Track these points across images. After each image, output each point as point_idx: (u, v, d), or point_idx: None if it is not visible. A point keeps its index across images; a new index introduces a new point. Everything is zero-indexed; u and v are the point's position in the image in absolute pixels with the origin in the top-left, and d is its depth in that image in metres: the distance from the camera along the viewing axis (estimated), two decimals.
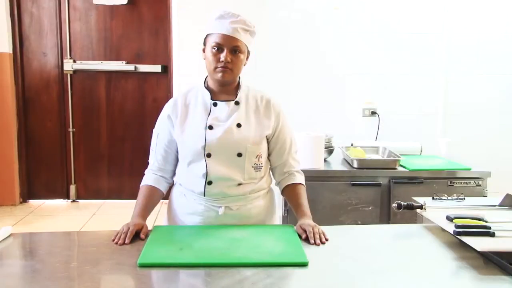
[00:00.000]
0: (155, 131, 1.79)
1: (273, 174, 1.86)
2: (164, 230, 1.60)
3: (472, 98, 3.85)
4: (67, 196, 4.36)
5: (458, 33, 3.80)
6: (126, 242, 1.47)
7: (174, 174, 1.81)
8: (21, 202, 4.27)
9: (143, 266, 1.29)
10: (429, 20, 3.79)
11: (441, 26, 3.79)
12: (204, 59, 1.72)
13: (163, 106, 1.80)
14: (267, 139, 1.76)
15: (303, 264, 1.31)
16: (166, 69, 4.19)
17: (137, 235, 1.52)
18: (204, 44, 1.72)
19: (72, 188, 4.34)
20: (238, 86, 1.75)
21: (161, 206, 1.98)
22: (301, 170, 1.86)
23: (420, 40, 3.80)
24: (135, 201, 1.75)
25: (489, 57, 3.82)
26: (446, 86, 3.85)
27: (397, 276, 1.27)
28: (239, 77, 1.75)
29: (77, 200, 4.36)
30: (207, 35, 1.70)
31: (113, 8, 4.14)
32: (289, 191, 1.80)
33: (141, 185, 1.77)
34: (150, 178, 1.76)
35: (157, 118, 1.79)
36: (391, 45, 3.80)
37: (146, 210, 1.70)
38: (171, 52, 3.96)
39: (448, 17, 3.79)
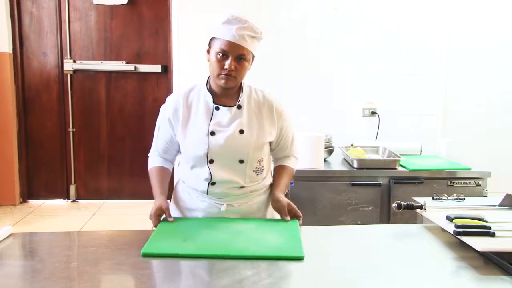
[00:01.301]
0: (157, 123, 1.81)
1: (273, 158, 1.91)
2: (170, 223, 1.62)
3: (472, 98, 3.85)
4: (67, 196, 4.36)
5: (458, 33, 3.80)
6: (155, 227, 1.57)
7: (175, 159, 1.86)
8: (21, 202, 4.27)
9: (146, 256, 1.33)
10: (429, 20, 3.79)
11: (441, 26, 3.79)
12: (208, 60, 1.70)
13: None
14: (270, 142, 1.78)
15: (299, 258, 1.33)
16: (166, 69, 4.19)
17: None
18: (209, 46, 1.69)
19: (72, 188, 4.34)
20: (240, 89, 1.74)
21: None
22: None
23: (420, 40, 3.80)
24: (135, 201, 1.76)
25: (489, 57, 3.82)
26: (446, 86, 3.85)
27: (397, 276, 1.27)
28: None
29: (77, 200, 4.36)
30: (212, 38, 1.66)
31: (113, 8, 4.14)
32: (278, 168, 1.87)
33: (149, 168, 1.82)
34: (156, 160, 1.82)
35: (157, 117, 1.80)
36: (391, 45, 3.80)
37: (162, 187, 1.76)
38: (171, 52, 3.96)
39: (448, 17, 3.79)
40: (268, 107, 1.75)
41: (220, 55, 1.62)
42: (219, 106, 1.70)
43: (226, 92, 1.71)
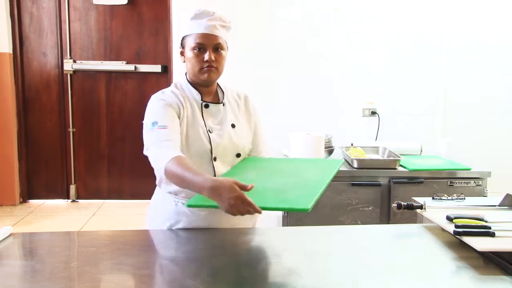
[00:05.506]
0: (155, 109, 1.67)
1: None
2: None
3: (472, 98, 3.85)
4: (67, 196, 4.36)
5: (458, 33, 3.80)
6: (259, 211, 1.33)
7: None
8: (21, 202, 4.27)
9: (191, 206, 1.46)
10: (429, 20, 3.79)
11: (441, 26, 3.79)
12: (184, 62, 1.69)
13: None
14: None
15: (303, 210, 1.31)
16: (166, 69, 4.19)
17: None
18: (182, 46, 1.69)
19: (72, 188, 4.34)
20: (217, 87, 1.77)
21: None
22: None
23: (420, 40, 3.80)
24: (135, 201, 1.74)
25: (489, 57, 3.82)
26: (446, 86, 3.85)
27: (397, 276, 1.27)
28: None
29: (77, 200, 4.36)
30: (184, 37, 1.67)
31: (113, 8, 4.14)
32: None
33: (166, 165, 1.48)
34: (171, 151, 1.52)
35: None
36: (391, 45, 3.80)
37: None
38: (171, 52, 3.96)
39: (448, 17, 3.78)
40: (244, 100, 1.81)
41: (197, 49, 1.62)
42: (208, 104, 1.71)
43: (207, 90, 1.72)
